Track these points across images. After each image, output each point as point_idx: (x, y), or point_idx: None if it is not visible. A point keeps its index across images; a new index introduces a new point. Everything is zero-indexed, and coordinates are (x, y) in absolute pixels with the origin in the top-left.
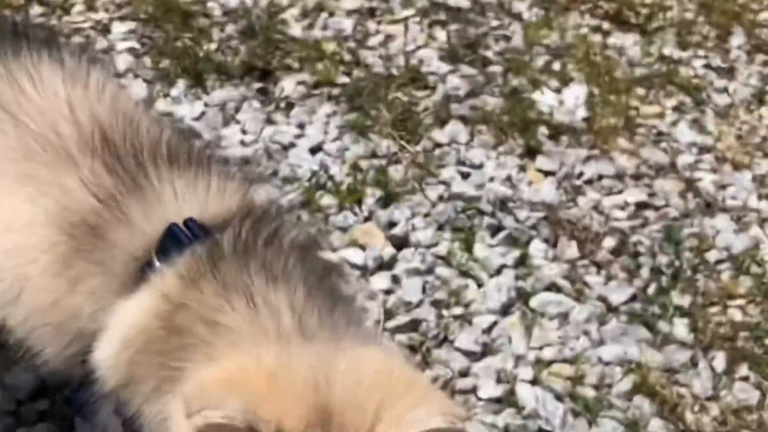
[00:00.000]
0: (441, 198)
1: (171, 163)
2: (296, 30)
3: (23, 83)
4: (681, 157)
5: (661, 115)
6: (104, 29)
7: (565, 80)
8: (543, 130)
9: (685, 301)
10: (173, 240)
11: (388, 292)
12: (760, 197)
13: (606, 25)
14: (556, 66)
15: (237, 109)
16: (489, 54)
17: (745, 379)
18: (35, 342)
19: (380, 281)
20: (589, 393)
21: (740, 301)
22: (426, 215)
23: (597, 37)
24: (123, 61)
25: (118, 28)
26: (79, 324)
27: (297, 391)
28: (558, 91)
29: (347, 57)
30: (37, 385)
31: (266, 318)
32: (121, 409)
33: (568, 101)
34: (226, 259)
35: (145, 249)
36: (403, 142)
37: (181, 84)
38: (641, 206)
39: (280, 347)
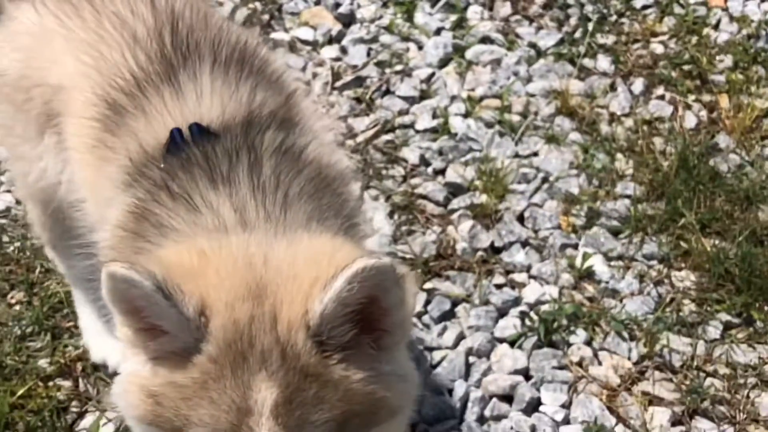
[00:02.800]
0: None
1: (217, 63)
2: None
3: None
4: None
5: None
6: None
7: None
8: None
9: (609, 40)
10: (174, 143)
11: (336, 60)
12: None
13: None
14: None
15: None
16: None
17: (661, 97)
18: (82, 218)
19: (329, 52)
20: (515, 118)
21: (663, 38)
22: None
23: None
24: None
25: None
26: (105, 208)
27: (227, 269)
28: None
29: None
30: None
31: (206, 217)
32: None
33: None
34: (184, 168)
35: (155, 147)
36: None
37: None
38: None
39: (216, 237)
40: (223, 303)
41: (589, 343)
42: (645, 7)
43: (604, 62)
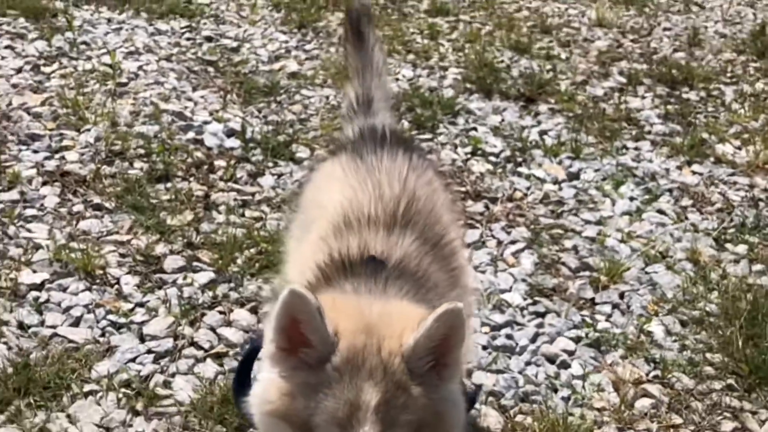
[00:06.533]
0: None
1: (421, 237)
2: None
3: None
4: None
5: None
6: None
7: None
8: None
9: None
10: (365, 264)
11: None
12: None
13: None
14: None
15: None
16: None
17: None
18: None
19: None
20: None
21: None
22: None
23: None
24: None
25: None
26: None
27: (348, 311)
28: None
29: None
30: None
31: (350, 289)
32: None
33: None
34: (357, 279)
35: (353, 259)
36: None
37: None
38: None
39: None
40: (348, 332)
41: None
42: None
43: None
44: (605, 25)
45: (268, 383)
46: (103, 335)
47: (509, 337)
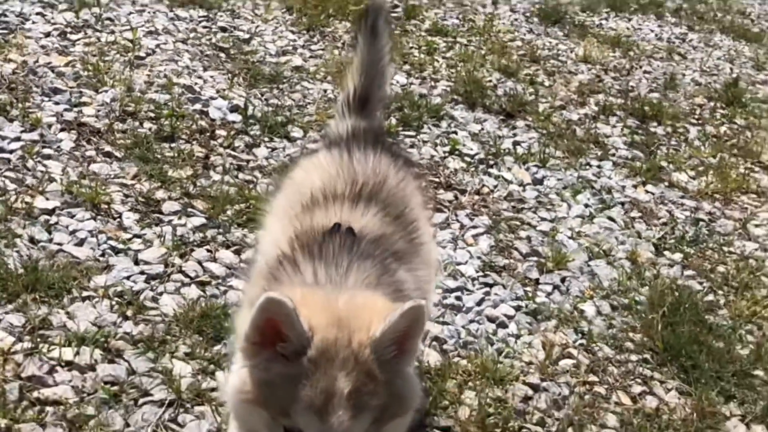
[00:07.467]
0: None
1: (384, 210)
2: None
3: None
4: None
5: None
6: None
7: None
8: None
9: None
10: (332, 232)
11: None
12: None
13: None
14: None
15: None
16: None
17: None
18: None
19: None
20: None
21: None
22: None
23: None
24: None
25: None
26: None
27: (317, 305)
28: None
29: None
30: None
31: (310, 277)
32: None
33: None
34: (323, 249)
35: (322, 229)
36: None
37: None
38: None
39: (308, 287)
40: (321, 326)
41: None
42: None
43: None
44: (590, 62)
45: (243, 375)
46: (102, 255)
47: (458, 299)
